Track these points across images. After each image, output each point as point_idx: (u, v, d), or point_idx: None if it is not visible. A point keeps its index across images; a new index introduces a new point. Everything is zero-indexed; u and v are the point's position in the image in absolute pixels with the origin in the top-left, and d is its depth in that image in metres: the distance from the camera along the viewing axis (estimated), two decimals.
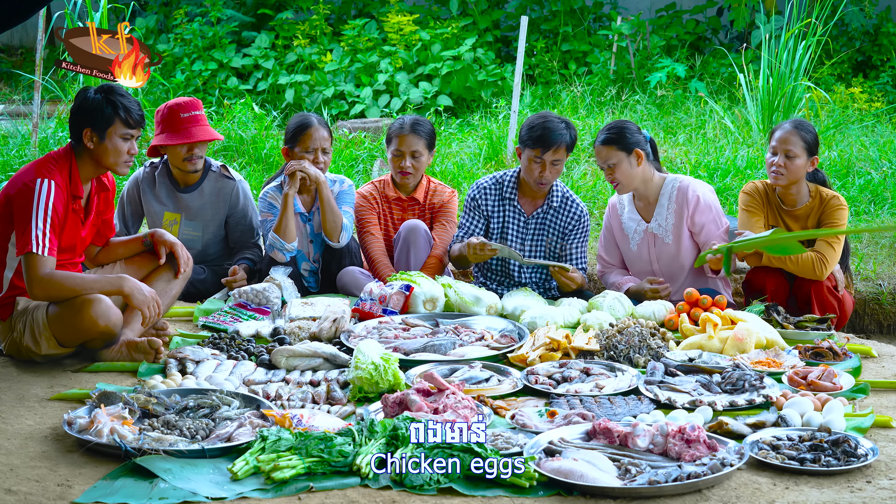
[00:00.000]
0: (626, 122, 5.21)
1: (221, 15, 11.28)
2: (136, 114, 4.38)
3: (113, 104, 4.33)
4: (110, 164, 4.37)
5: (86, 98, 4.35)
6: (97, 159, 4.36)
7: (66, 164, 4.33)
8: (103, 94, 4.34)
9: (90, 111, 4.33)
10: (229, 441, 3.44)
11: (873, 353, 4.56)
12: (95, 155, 4.35)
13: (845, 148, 8.26)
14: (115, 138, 4.34)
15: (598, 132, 5.20)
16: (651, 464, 3.30)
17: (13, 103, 10.62)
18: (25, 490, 3.17)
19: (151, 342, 4.32)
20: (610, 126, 5.19)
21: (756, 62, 9.49)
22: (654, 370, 4.16)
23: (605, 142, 5.12)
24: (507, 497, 3.17)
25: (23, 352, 4.31)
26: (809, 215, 5.08)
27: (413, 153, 5.49)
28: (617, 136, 5.10)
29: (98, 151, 4.34)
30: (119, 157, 4.36)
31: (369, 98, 10.25)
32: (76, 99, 4.40)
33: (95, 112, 4.32)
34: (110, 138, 4.34)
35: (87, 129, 4.33)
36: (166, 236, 4.64)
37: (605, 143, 5.12)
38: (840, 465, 3.31)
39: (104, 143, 4.33)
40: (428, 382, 3.89)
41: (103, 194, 4.54)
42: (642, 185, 5.21)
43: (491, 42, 11.27)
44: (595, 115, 9.25)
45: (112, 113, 4.32)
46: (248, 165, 8.32)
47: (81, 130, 4.34)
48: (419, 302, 5.06)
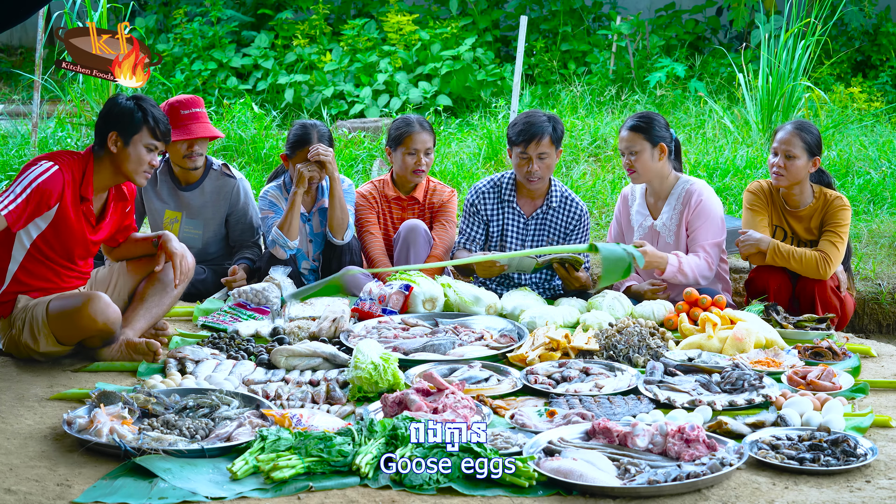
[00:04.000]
0: (656, 115, 5.23)
1: (221, 15, 11.28)
2: (164, 126, 4.40)
3: (144, 112, 4.35)
4: (129, 170, 4.36)
5: (116, 103, 4.38)
6: (118, 165, 4.36)
7: (82, 164, 4.33)
8: (135, 102, 4.36)
9: (120, 115, 4.34)
10: (229, 441, 3.44)
11: (872, 353, 4.56)
12: (117, 160, 4.35)
13: (844, 148, 8.27)
14: (139, 146, 4.35)
15: (628, 118, 5.21)
16: (650, 463, 3.30)
17: (13, 103, 10.61)
18: (25, 490, 3.17)
19: (150, 344, 4.32)
20: (640, 114, 5.21)
21: (755, 62, 9.49)
22: (654, 370, 4.16)
23: (632, 128, 5.13)
24: (507, 497, 3.17)
25: (21, 349, 4.31)
26: (813, 216, 5.09)
27: (426, 151, 5.51)
28: (646, 126, 5.11)
29: (120, 157, 4.35)
30: (140, 166, 4.37)
31: (369, 98, 10.25)
32: (106, 104, 4.42)
33: (125, 117, 4.34)
34: (135, 145, 4.34)
35: (113, 133, 4.33)
36: (171, 245, 4.56)
37: (633, 129, 5.13)
38: (839, 465, 3.31)
39: (127, 148, 4.34)
40: (427, 382, 3.89)
41: (121, 204, 4.54)
42: (657, 180, 5.22)
43: (490, 42, 11.27)
44: (594, 116, 9.25)
45: (142, 120, 4.34)
46: (247, 165, 8.32)
47: (107, 134, 4.34)
48: (418, 302, 5.06)
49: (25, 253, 4.29)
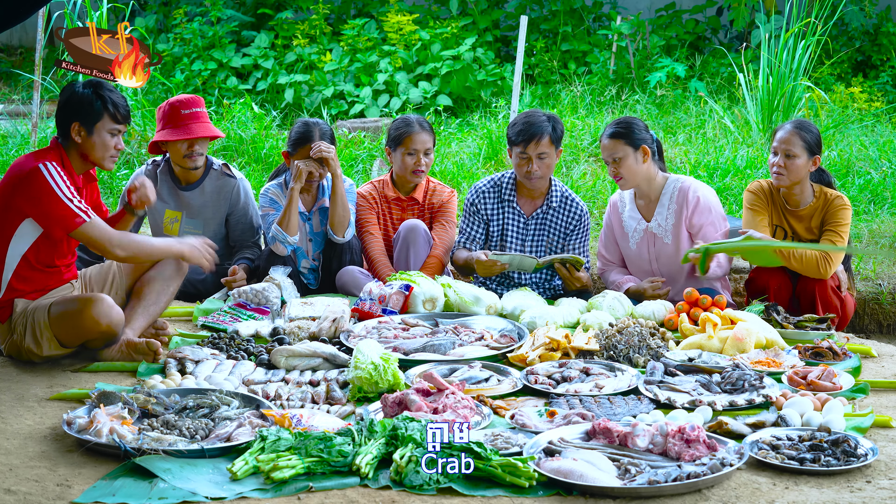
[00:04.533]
0: (634, 119, 5.24)
1: (221, 15, 11.28)
2: (124, 109, 4.38)
3: (102, 99, 4.32)
4: (97, 158, 4.36)
5: (74, 92, 4.34)
6: (85, 154, 4.35)
7: (59, 156, 4.32)
8: (92, 89, 4.33)
9: (79, 105, 4.32)
10: (229, 441, 3.44)
11: (873, 353, 4.56)
12: (83, 149, 4.35)
13: (845, 148, 8.26)
14: (103, 133, 4.34)
15: (606, 126, 5.22)
16: (651, 464, 3.30)
17: (12, 103, 10.62)
18: (25, 490, 3.17)
19: (150, 343, 4.32)
20: (619, 121, 5.22)
21: (756, 62, 9.49)
22: (654, 370, 4.16)
23: (612, 135, 5.14)
24: (507, 497, 3.17)
25: (23, 353, 4.30)
26: (813, 215, 5.09)
27: (426, 151, 5.51)
28: (625, 131, 5.12)
29: (86, 146, 4.34)
30: (106, 152, 4.37)
31: (369, 98, 10.25)
32: (63, 93, 4.38)
33: (84, 106, 4.31)
34: (98, 133, 4.33)
35: (75, 124, 4.32)
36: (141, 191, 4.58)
37: (613, 136, 5.14)
38: (840, 465, 3.31)
39: (92, 137, 4.33)
40: (427, 382, 3.89)
41: (90, 185, 4.55)
42: (645, 183, 5.22)
43: (490, 42, 11.27)
44: (595, 115, 9.25)
45: (101, 108, 4.32)
46: (247, 165, 8.31)
47: (70, 125, 4.32)
48: (419, 302, 5.06)
49: (20, 259, 4.28)
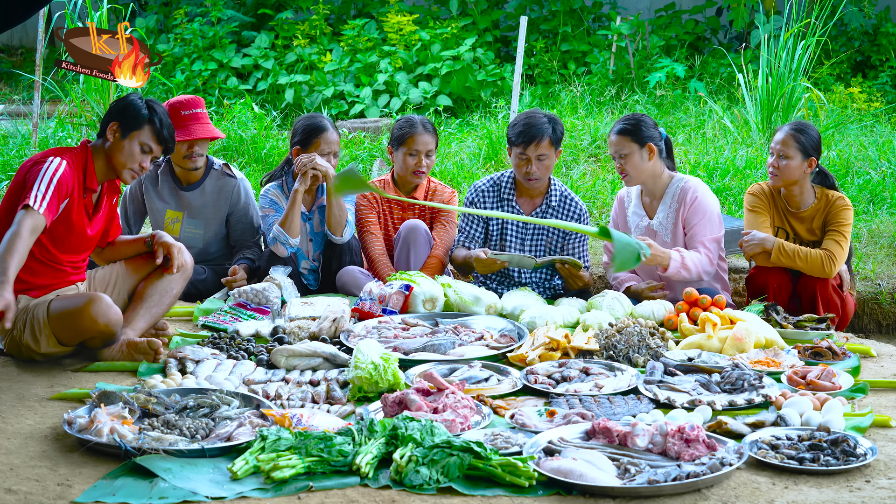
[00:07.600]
0: (643, 116, 5.26)
1: (221, 15, 11.29)
2: (168, 134, 4.39)
3: (151, 111, 4.36)
4: (119, 163, 4.36)
5: (130, 100, 4.39)
6: (110, 156, 4.36)
7: (83, 157, 4.34)
8: (147, 102, 4.38)
9: (126, 108, 4.35)
10: (229, 441, 3.44)
11: (872, 353, 4.56)
12: (110, 150, 4.35)
13: (844, 148, 8.27)
14: (135, 142, 4.34)
15: (615, 122, 5.24)
16: (650, 463, 3.30)
17: (13, 103, 10.62)
18: (25, 489, 3.17)
19: (151, 343, 4.33)
20: (627, 117, 5.24)
21: (755, 62, 9.50)
22: (654, 370, 4.17)
23: (620, 132, 5.16)
24: (507, 496, 3.17)
25: (23, 350, 4.31)
26: (815, 217, 5.10)
27: (428, 152, 5.51)
28: (632, 128, 5.14)
29: (114, 147, 4.34)
30: (130, 162, 4.36)
31: (369, 98, 10.25)
32: (120, 98, 4.42)
33: (132, 110, 4.34)
34: (132, 140, 4.34)
35: (114, 123, 4.34)
36: (165, 238, 4.63)
37: (620, 132, 5.16)
38: (839, 465, 3.31)
39: (123, 141, 4.34)
40: (427, 382, 3.89)
41: (112, 196, 4.55)
42: (651, 181, 5.23)
43: (490, 42, 11.27)
44: (594, 116, 9.25)
45: (147, 118, 4.34)
46: (247, 165, 8.32)
47: (109, 123, 4.35)
48: (419, 302, 5.06)
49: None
